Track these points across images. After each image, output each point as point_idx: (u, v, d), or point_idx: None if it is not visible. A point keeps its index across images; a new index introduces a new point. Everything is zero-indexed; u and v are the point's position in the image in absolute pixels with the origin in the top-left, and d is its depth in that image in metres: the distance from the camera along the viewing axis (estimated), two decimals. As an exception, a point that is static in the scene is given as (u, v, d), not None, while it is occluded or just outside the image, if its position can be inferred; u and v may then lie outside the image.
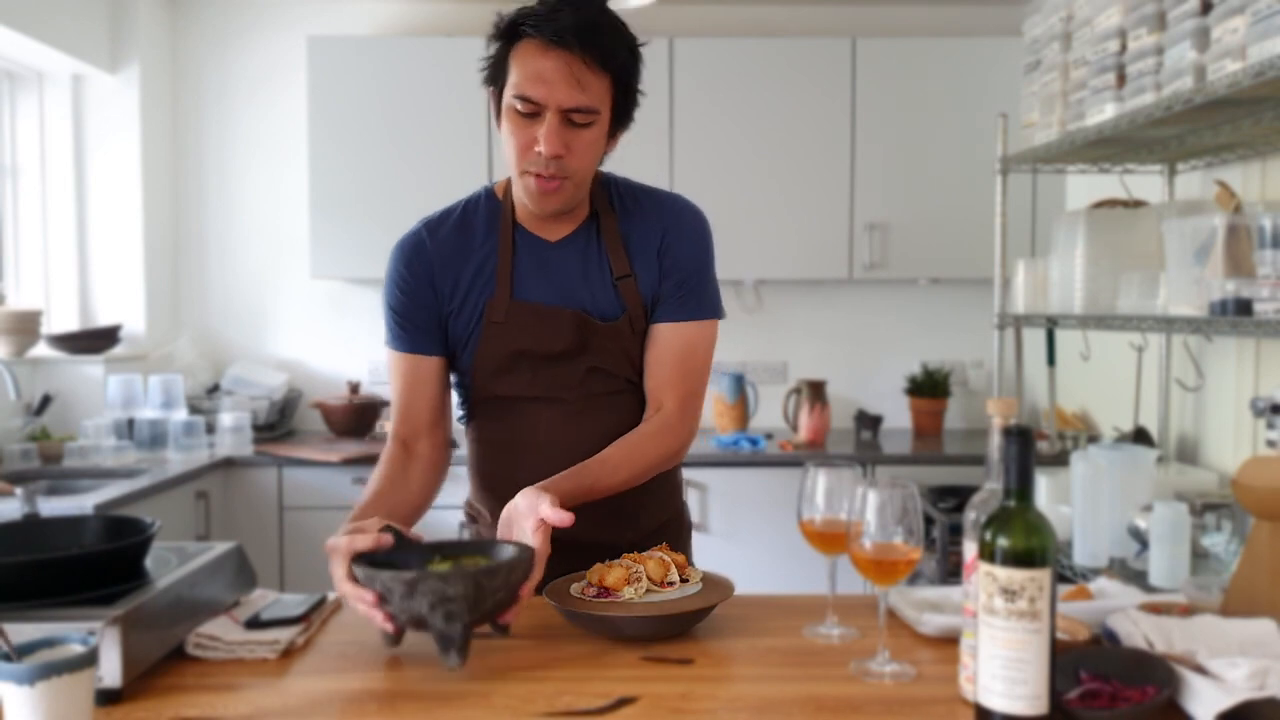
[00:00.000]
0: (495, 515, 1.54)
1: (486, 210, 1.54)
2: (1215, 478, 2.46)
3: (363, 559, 1.19)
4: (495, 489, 1.60)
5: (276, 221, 3.90)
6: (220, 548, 1.35)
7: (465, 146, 3.54)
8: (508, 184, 1.54)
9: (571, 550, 1.50)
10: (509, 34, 1.39)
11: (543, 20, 1.35)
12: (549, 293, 1.50)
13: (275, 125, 3.87)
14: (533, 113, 1.37)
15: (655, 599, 1.28)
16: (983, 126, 3.34)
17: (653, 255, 1.52)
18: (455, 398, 1.63)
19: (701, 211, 1.58)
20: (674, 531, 1.65)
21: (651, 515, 1.60)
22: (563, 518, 1.26)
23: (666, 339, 1.52)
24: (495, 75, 1.43)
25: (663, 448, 1.51)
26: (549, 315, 1.48)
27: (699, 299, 1.53)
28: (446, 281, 1.51)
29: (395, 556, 1.21)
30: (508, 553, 1.24)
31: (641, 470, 1.49)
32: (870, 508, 1.13)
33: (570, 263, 1.51)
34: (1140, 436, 2.73)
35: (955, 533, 2.84)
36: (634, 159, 1.57)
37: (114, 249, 3.65)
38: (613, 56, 1.38)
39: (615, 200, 1.54)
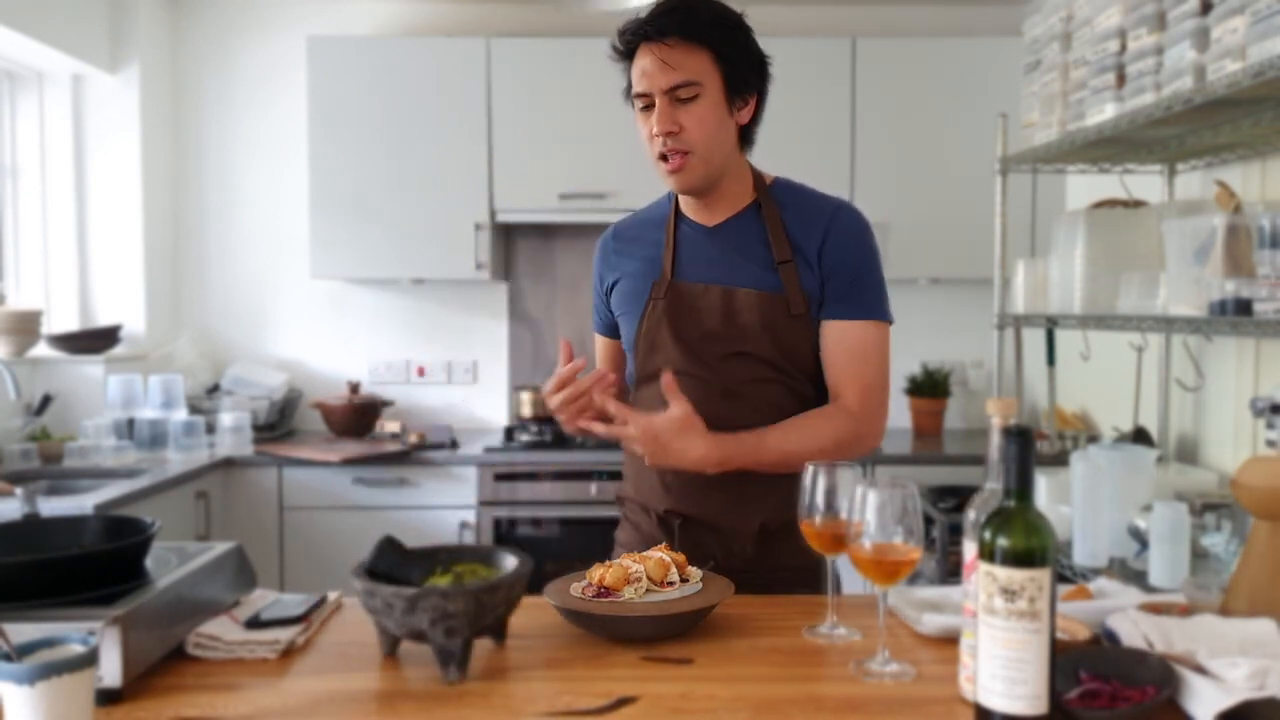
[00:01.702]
0: (644, 501, 1.65)
1: (663, 208, 1.70)
2: (1215, 478, 2.46)
3: (365, 572, 1.19)
4: (642, 472, 1.65)
5: (276, 221, 3.90)
6: (220, 548, 1.35)
7: (465, 146, 3.54)
8: None
9: (701, 530, 1.57)
10: (625, 54, 1.56)
11: (634, 26, 1.53)
12: (703, 272, 1.60)
13: (275, 125, 3.87)
14: (648, 105, 1.53)
15: (655, 599, 1.28)
16: (983, 126, 3.34)
17: (814, 252, 1.58)
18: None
19: (863, 215, 1.64)
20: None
21: (780, 509, 1.54)
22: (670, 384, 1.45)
23: (836, 336, 1.57)
24: (629, 94, 1.58)
25: (839, 430, 1.53)
26: (700, 293, 1.59)
27: (865, 298, 1.58)
28: (618, 267, 1.69)
29: (396, 568, 1.21)
30: (508, 563, 1.24)
31: (812, 446, 1.51)
32: (870, 508, 1.13)
33: (728, 245, 1.60)
34: (1140, 436, 2.73)
35: (955, 533, 2.84)
36: (633, 158, 1.60)
37: (114, 249, 3.65)
38: (699, 32, 1.50)
39: (777, 194, 1.64)
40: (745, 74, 1.56)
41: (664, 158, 1.53)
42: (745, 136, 1.62)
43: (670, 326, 1.59)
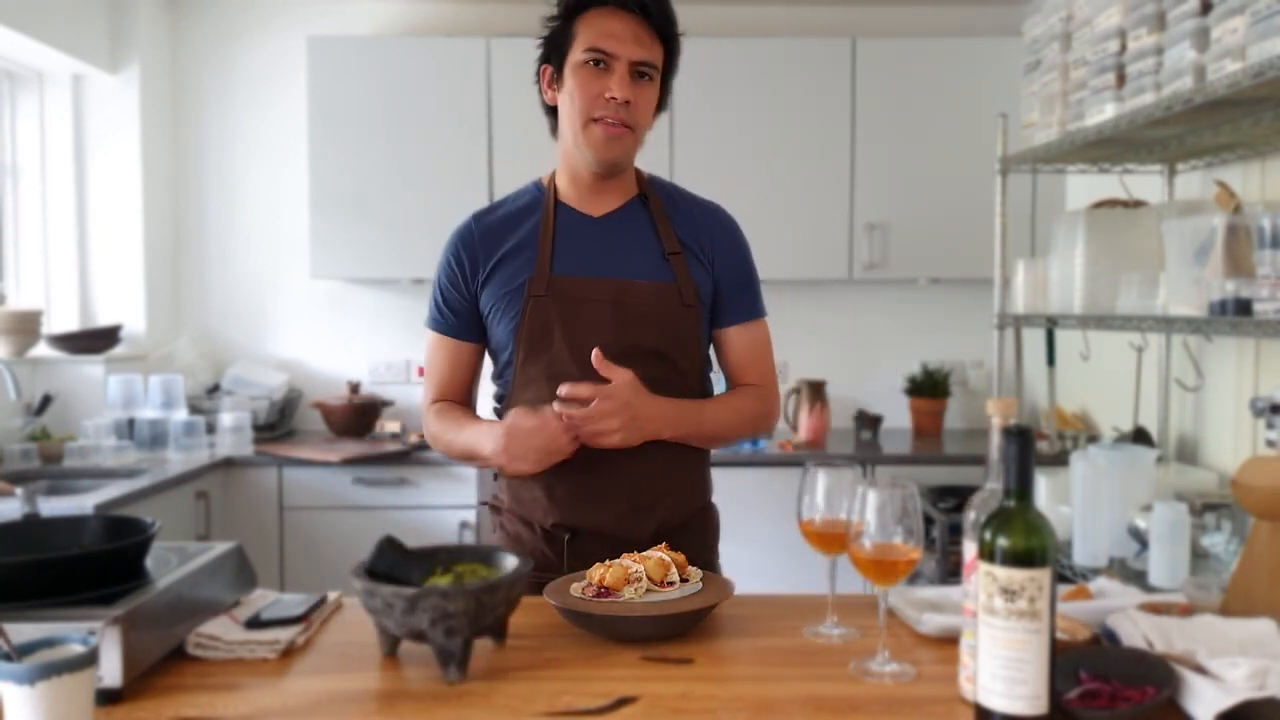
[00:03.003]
0: (525, 514, 1.59)
1: (532, 196, 1.64)
2: (1215, 478, 2.46)
3: (365, 572, 1.19)
4: (523, 483, 1.60)
5: (276, 221, 3.90)
6: (220, 548, 1.35)
7: (465, 146, 3.54)
8: (553, 175, 1.64)
9: (593, 541, 1.53)
10: (575, 8, 1.52)
11: None
12: (589, 265, 1.56)
13: (275, 125, 3.87)
14: (603, 66, 1.50)
15: (655, 599, 1.28)
16: (983, 126, 3.34)
17: (705, 251, 1.60)
18: (492, 390, 1.67)
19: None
20: (699, 528, 1.64)
21: (673, 510, 1.59)
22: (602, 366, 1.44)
23: (738, 340, 1.63)
24: (556, 47, 1.55)
25: (759, 408, 1.63)
26: (586, 286, 1.54)
27: (756, 299, 1.66)
28: (488, 262, 1.59)
29: (396, 568, 1.21)
30: (508, 563, 1.24)
31: (739, 420, 1.60)
32: (870, 508, 1.13)
33: (616, 235, 1.58)
34: (1140, 436, 2.73)
35: (955, 533, 2.84)
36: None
37: (114, 249, 3.65)
38: (668, 28, 1.54)
39: (660, 191, 1.65)
40: (670, 85, 1.61)
41: (606, 122, 1.50)
42: None
43: (557, 323, 1.52)
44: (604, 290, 1.54)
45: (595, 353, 1.45)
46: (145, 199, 3.66)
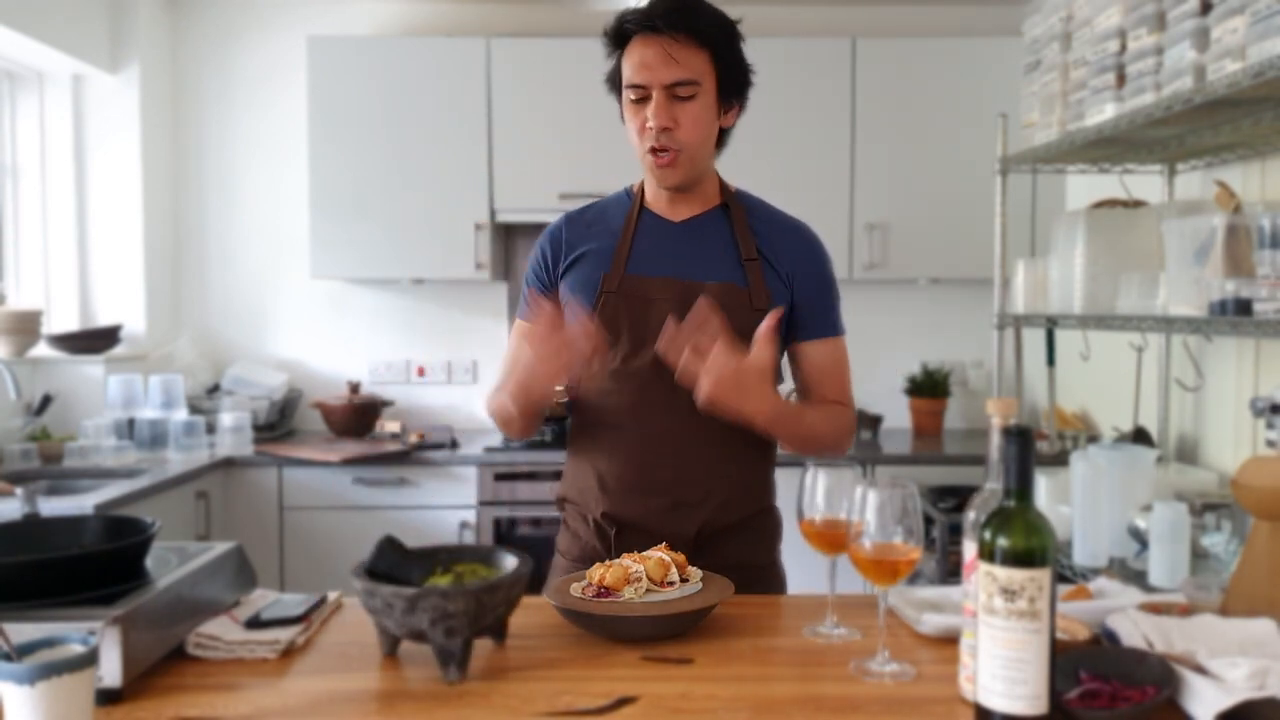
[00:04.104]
0: (582, 506, 1.62)
1: (621, 200, 1.68)
2: (1215, 478, 2.46)
3: (365, 572, 1.19)
4: (580, 473, 1.63)
5: (276, 221, 3.90)
6: (220, 548, 1.35)
7: (465, 146, 3.54)
8: (642, 181, 1.67)
9: (638, 536, 1.54)
10: (618, 39, 1.56)
11: (639, 16, 1.52)
12: (662, 265, 1.59)
13: (275, 125, 3.87)
14: (643, 97, 1.53)
15: (655, 599, 1.28)
16: (983, 126, 3.34)
17: (784, 264, 1.60)
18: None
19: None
20: (755, 530, 1.63)
21: (721, 511, 1.58)
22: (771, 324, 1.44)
23: (815, 356, 1.62)
24: (615, 80, 1.59)
25: (846, 424, 1.63)
26: (656, 286, 1.57)
27: (837, 316, 1.66)
28: (569, 256, 1.63)
29: (396, 568, 1.21)
30: (508, 563, 1.24)
31: (829, 430, 1.59)
32: (870, 508, 1.13)
33: (692, 239, 1.61)
34: (1140, 436, 2.73)
35: (955, 533, 2.84)
36: (634, 157, 1.60)
37: (114, 249, 3.65)
38: (704, 31, 1.52)
39: (744, 202, 1.66)
40: (737, 79, 1.59)
41: (655, 151, 1.53)
42: (721, 140, 1.64)
43: (625, 320, 1.56)
44: (672, 290, 1.56)
45: (770, 319, 1.44)
46: (145, 199, 3.66)
